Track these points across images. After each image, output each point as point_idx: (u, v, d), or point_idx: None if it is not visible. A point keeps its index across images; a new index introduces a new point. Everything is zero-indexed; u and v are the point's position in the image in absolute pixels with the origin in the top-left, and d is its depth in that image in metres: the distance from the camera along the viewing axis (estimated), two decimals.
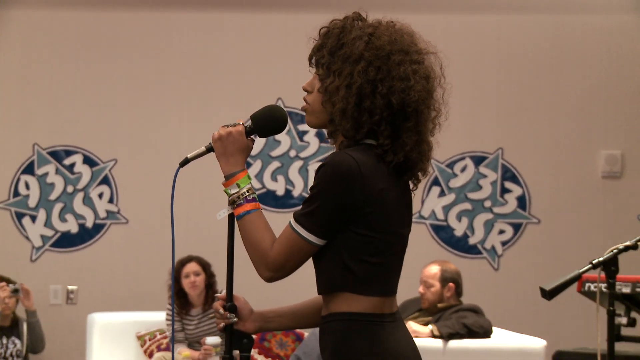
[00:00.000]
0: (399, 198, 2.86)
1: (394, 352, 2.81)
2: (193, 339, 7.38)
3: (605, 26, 8.11)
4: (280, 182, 8.18)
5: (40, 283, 8.00)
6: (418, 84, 2.81)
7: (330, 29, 2.86)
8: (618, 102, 8.12)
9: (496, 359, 6.22)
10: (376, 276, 2.81)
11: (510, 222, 8.16)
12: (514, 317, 7.09)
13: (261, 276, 2.82)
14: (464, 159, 8.20)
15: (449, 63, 8.55)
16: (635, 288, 5.11)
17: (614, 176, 8.09)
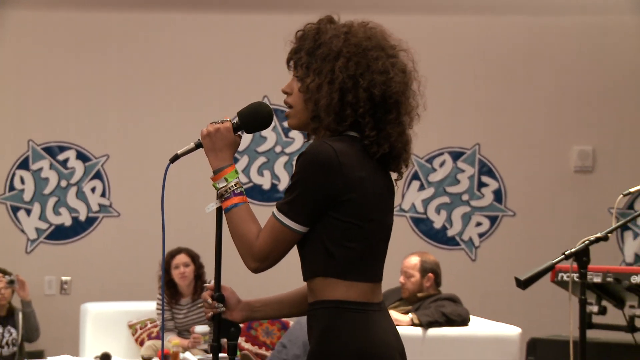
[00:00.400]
0: (380, 187, 2.86)
1: (379, 341, 2.80)
2: (183, 328, 7.38)
3: (577, 27, 8.13)
4: (267, 176, 8.19)
5: (35, 274, 7.99)
6: (397, 76, 2.82)
7: (306, 31, 2.86)
8: (589, 99, 8.14)
9: (473, 346, 6.23)
10: (358, 262, 2.80)
11: (487, 214, 8.18)
12: (490, 306, 7.11)
13: (248, 267, 2.82)
14: (442, 154, 8.22)
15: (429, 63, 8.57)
16: (606, 278, 5.13)
17: (586, 170, 8.12)
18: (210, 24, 8.17)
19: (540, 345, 5.51)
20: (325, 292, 2.81)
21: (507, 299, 7.06)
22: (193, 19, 8.18)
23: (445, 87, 8.09)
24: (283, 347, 6.51)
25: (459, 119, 8.21)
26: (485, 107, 8.20)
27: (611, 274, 5.14)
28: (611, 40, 8.12)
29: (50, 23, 8.19)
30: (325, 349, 2.78)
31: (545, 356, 5.48)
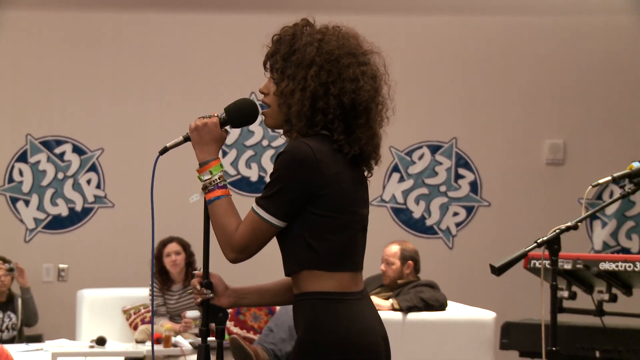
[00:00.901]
0: (354, 180, 2.86)
1: (363, 328, 2.81)
2: (174, 313, 7.38)
3: (549, 28, 8.14)
4: (254, 169, 8.18)
5: (34, 262, 7.98)
6: (367, 84, 2.81)
7: (282, 35, 2.86)
8: (560, 96, 8.16)
9: (451, 330, 6.24)
10: (339, 253, 2.81)
11: (464, 205, 8.19)
12: (466, 291, 7.11)
13: (226, 257, 2.82)
14: (421, 147, 8.22)
15: (409, 62, 8.59)
16: (576, 264, 5.13)
17: (557, 163, 8.13)
18: (199, 24, 8.17)
19: (513, 328, 5.51)
20: (308, 284, 2.81)
21: (483, 285, 7.06)
22: (184, 19, 8.16)
23: (424, 84, 8.11)
24: (270, 331, 6.51)
25: (437, 114, 8.21)
26: (462, 103, 8.21)
27: (581, 261, 5.15)
28: (581, 40, 8.14)
29: (46, 23, 8.17)
30: (312, 339, 2.79)
31: (519, 339, 5.47)
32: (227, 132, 2.97)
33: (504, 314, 5.98)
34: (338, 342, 2.76)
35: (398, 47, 7.86)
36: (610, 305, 5.11)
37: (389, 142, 8.05)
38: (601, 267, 5.08)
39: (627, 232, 8.12)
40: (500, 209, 8.13)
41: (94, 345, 6.53)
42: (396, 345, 6.39)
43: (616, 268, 5.03)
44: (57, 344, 6.68)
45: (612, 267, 5.05)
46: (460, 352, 6.19)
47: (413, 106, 7.96)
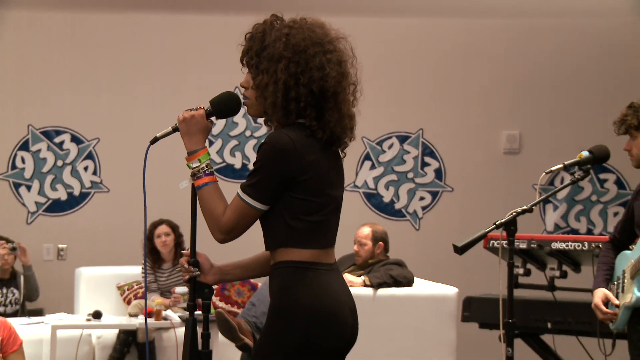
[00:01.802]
0: (329, 165, 2.88)
1: (330, 296, 2.82)
2: (165, 289, 7.37)
3: (505, 28, 8.16)
4: (238, 157, 8.17)
5: (35, 242, 7.94)
6: (332, 70, 2.82)
7: (253, 33, 2.88)
8: (516, 91, 8.18)
9: (417, 304, 6.25)
10: (314, 232, 2.83)
11: (429, 190, 8.20)
12: (431, 269, 7.13)
13: (215, 238, 2.85)
14: (391, 138, 8.22)
15: (380, 60, 8.55)
16: (530, 244, 5.16)
17: (513, 152, 8.16)
18: (188, 24, 8.15)
19: (474, 302, 5.53)
20: (284, 256, 2.83)
21: (446, 263, 7.08)
22: (174, 19, 8.15)
23: (394, 81, 8.11)
24: (252, 305, 6.50)
25: (405, 108, 8.22)
26: (428, 97, 8.21)
27: (535, 241, 5.17)
28: (533, 41, 8.16)
29: (46, 23, 8.12)
30: (283, 304, 2.80)
31: (479, 312, 5.50)
32: (213, 123, 2.99)
33: (465, 289, 6.00)
34: (307, 305, 2.77)
35: (371, 46, 7.87)
36: (561, 280, 5.15)
37: (361, 133, 8.07)
38: (553, 246, 5.11)
39: (576, 215, 8.16)
40: (462, 194, 8.15)
41: (90, 318, 6.51)
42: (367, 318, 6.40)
43: (566, 247, 5.06)
44: (57, 318, 6.66)
45: (562, 247, 5.07)
46: (426, 324, 6.20)
47: (383, 100, 7.97)
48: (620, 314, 4.04)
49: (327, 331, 2.79)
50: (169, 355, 6.87)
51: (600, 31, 8.11)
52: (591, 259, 4.97)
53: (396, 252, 6.73)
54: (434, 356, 6.19)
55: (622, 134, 4.13)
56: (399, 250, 6.86)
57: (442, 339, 6.20)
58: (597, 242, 4.96)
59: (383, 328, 6.10)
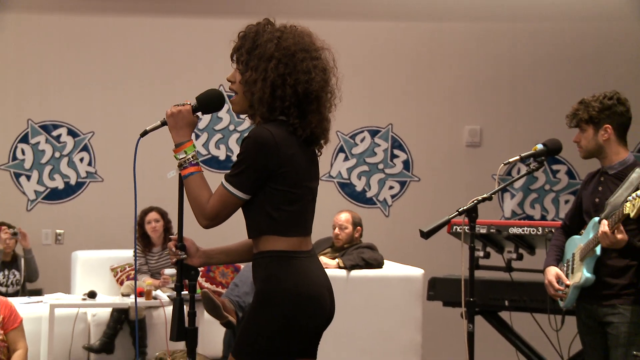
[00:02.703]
0: (307, 159, 2.89)
1: (310, 280, 2.84)
2: (155, 270, 7.36)
3: (466, 31, 8.18)
4: (222, 149, 8.15)
5: (34, 228, 7.92)
6: (317, 76, 2.83)
7: (247, 32, 2.87)
8: (478, 89, 8.20)
9: (387, 284, 6.26)
10: (293, 221, 2.84)
11: (398, 180, 8.22)
12: (400, 252, 7.14)
13: (200, 224, 2.86)
14: (362, 132, 8.22)
15: (354, 60, 8.51)
16: (490, 229, 5.18)
17: (475, 145, 8.18)
18: (177, 26, 8.12)
19: (438, 283, 5.55)
20: (266, 245, 2.84)
21: (413, 247, 7.09)
22: (164, 22, 8.12)
23: (366, 79, 8.11)
24: (235, 286, 6.49)
25: (376, 104, 8.22)
26: (397, 95, 8.22)
27: (494, 226, 5.19)
28: (493, 43, 8.18)
29: (44, 24, 8.08)
30: (269, 289, 2.81)
31: (442, 291, 5.51)
32: (199, 118, 2.98)
33: (430, 270, 6.02)
34: (290, 291, 2.79)
35: (345, 48, 7.84)
36: (517, 262, 5.17)
37: (336, 127, 8.01)
38: (510, 231, 5.13)
39: (531, 203, 8.21)
40: (428, 183, 8.17)
41: (86, 298, 6.50)
42: (341, 298, 6.40)
43: (522, 232, 5.08)
44: (55, 297, 6.64)
45: (519, 231, 5.10)
46: (395, 303, 6.22)
47: (356, 97, 7.97)
48: (569, 293, 4.07)
49: (309, 313, 2.81)
50: (158, 332, 6.86)
51: (551, 35, 8.15)
52: (544, 243, 5.00)
53: (367, 236, 6.75)
54: (402, 332, 6.21)
55: (574, 127, 4.15)
56: (370, 235, 6.87)
57: (409, 316, 6.22)
58: (549, 228, 4.99)
59: (355, 306, 6.11)
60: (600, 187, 4.11)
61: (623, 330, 3.92)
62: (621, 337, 3.92)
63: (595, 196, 4.11)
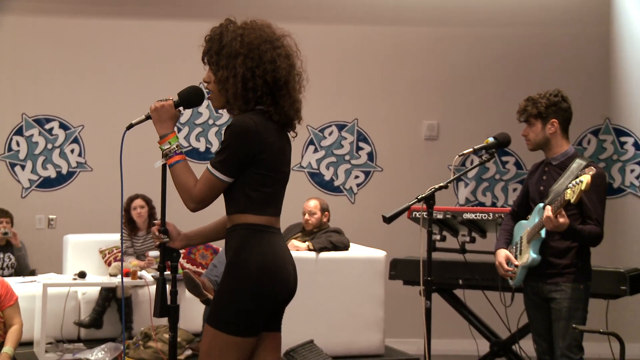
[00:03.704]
0: (283, 146, 2.89)
1: (278, 254, 2.84)
2: (140, 252, 7.33)
3: (424, 34, 8.19)
4: (202, 142, 8.12)
5: (29, 213, 7.87)
6: (282, 63, 2.83)
7: (212, 35, 2.87)
8: (435, 87, 8.22)
9: (352, 265, 6.28)
10: (268, 201, 2.84)
11: (363, 170, 8.23)
12: (364, 236, 7.16)
13: (188, 207, 2.85)
14: (330, 126, 8.22)
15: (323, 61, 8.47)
16: (446, 215, 5.21)
17: (432, 139, 8.21)
18: (161, 29, 8.07)
19: (399, 263, 5.58)
20: (241, 219, 2.83)
21: (376, 231, 7.10)
22: (148, 25, 8.07)
23: (334, 78, 8.10)
24: (214, 267, 6.47)
25: (343, 101, 8.22)
26: (362, 92, 8.22)
27: (449, 212, 5.23)
28: (450, 45, 8.21)
29: (39, 26, 7.98)
30: (240, 259, 2.80)
31: (403, 271, 5.55)
32: (180, 112, 2.97)
33: (392, 252, 6.05)
34: (259, 260, 2.78)
35: (315, 49, 7.84)
36: (470, 245, 5.20)
37: (306, 122, 7.98)
38: (464, 216, 5.16)
39: (483, 191, 8.25)
40: (390, 173, 8.19)
41: (76, 278, 6.46)
42: (311, 277, 6.44)
43: (475, 217, 5.12)
44: (48, 277, 6.60)
45: (472, 217, 5.13)
46: (360, 282, 6.24)
47: (325, 95, 7.97)
48: (518, 272, 4.11)
49: (275, 283, 2.81)
50: (143, 309, 6.83)
51: (501, 39, 8.18)
52: (495, 227, 5.04)
53: (335, 221, 6.76)
54: (366, 308, 6.24)
55: (523, 121, 4.18)
56: (338, 220, 6.88)
57: (372, 294, 6.25)
58: (499, 213, 5.02)
59: (324, 285, 6.12)
60: (545, 176, 4.15)
61: (565, 306, 3.96)
62: (563, 311, 3.97)
63: (540, 184, 4.15)
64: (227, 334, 2.74)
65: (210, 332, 2.78)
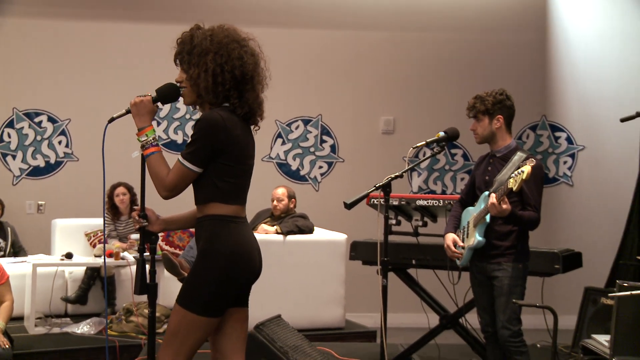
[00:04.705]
0: (247, 140, 2.86)
1: (246, 241, 2.83)
2: (122, 235, 7.26)
3: (382, 39, 8.21)
4: (180, 134, 8.04)
5: (20, 200, 7.76)
6: (249, 59, 2.82)
7: (183, 38, 2.86)
8: (392, 86, 8.25)
9: (316, 247, 6.28)
10: (234, 191, 2.81)
11: (326, 161, 8.22)
12: (327, 220, 7.16)
13: (160, 195, 2.83)
14: (297, 121, 8.20)
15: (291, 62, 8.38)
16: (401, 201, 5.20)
17: (389, 133, 8.23)
18: (140, 32, 7.98)
19: (359, 245, 5.57)
20: (210, 210, 2.81)
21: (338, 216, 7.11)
22: (130, 27, 7.97)
23: (300, 77, 8.09)
24: (190, 248, 6.45)
25: (308, 98, 8.21)
26: (326, 90, 8.22)
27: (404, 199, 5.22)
28: (406, 48, 8.23)
29: (29, 28, 7.86)
30: (211, 248, 2.78)
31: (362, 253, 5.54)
32: (158, 107, 2.95)
33: (352, 235, 6.05)
34: (229, 247, 2.76)
35: (283, 51, 7.83)
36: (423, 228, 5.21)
37: (275, 117, 8.03)
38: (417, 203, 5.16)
39: (434, 180, 8.30)
40: (351, 164, 8.19)
41: (64, 258, 6.38)
42: (279, 258, 6.40)
43: (427, 204, 5.13)
44: (37, 258, 6.51)
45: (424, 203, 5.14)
46: (323, 262, 6.25)
47: (292, 92, 7.95)
48: (465, 254, 4.12)
49: (243, 268, 2.81)
50: (125, 287, 6.78)
51: (451, 43, 8.23)
52: (445, 213, 5.05)
53: (301, 207, 6.75)
54: (329, 286, 6.24)
55: (472, 117, 4.19)
56: (303, 206, 6.87)
57: (335, 273, 6.26)
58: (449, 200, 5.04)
59: (290, 266, 6.12)
60: (490, 167, 4.17)
61: (506, 283, 3.99)
62: (504, 288, 3.99)
63: (486, 174, 4.16)
64: (196, 314, 2.74)
65: (180, 312, 2.77)
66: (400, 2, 8.17)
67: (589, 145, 8.17)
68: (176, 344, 2.75)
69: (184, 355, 2.76)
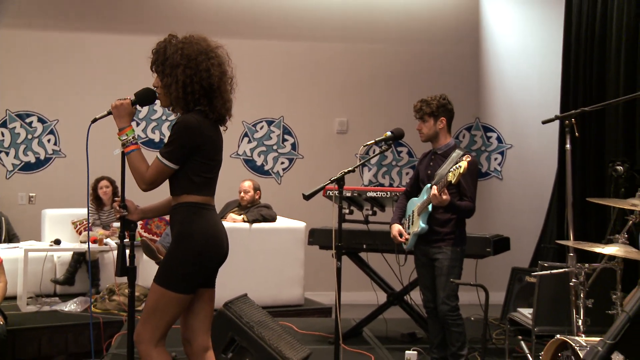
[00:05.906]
0: (218, 139, 2.85)
1: (216, 227, 2.81)
2: (105, 224, 7.14)
3: (339, 49, 8.21)
4: (157, 134, 7.94)
5: (13, 192, 7.61)
6: (216, 71, 2.80)
7: (158, 49, 2.83)
8: (346, 91, 8.25)
9: (278, 234, 6.26)
10: (206, 184, 2.80)
11: (287, 157, 8.19)
12: (289, 210, 7.13)
13: (140, 188, 2.82)
14: (262, 122, 8.15)
15: (256, 69, 8.29)
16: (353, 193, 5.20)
17: (343, 133, 8.23)
18: (121, 42, 7.84)
19: (316, 232, 5.56)
20: (185, 198, 2.79)
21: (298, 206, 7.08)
22: (111, 38, 7.82)
23: (264, 83, 8.04)
24: (167, 235, 6.37)
25: (272, 101, 8.16)
26: (288, 95, 8.18)
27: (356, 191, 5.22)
28: (357, 58, 8.23)
29: (21, 38, 7.67)
30: (186, 231, 2.75)
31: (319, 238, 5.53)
32: (137, 109, 2.93)
33: (310, 223, 6.04)
34: (201, 232, 2.74)
35: (249, 59, 7.77)
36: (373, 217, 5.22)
37: (242, 118, 7.98)
38: (367, 195, 5.17)
39: (382, 174, 8.33)
40: (310, 160, 8.18)
41: (52, 244, 6.26)
42: (245, 244, 6.35)
43: (376, 195, 5.13)
44: (28, 244, 6.41)
45: (374, 195, 5.14)
46: (284, 247, 6.23)
47: (257, 96, 7.91)
48: (410, 239, 4.14)
49: (213, 252, 2.80)
50: (108, 270, 6.68)
51: (399, 53, 8.26)
52: (392, 203, 5.06)
53: (265, 198, 6.71)
54: (290, 269, 6.23)
55: (418, 118, 4.20)
56: (267, 197, 6.83)
57: (295, 257, 6.24)
58: (396, 192, 5.05)
59: (255, 251, 6.08)
60: (432, 162, 4.19)
61: (445, 264, 4.02)
62: (444, 269, 4.02)
63: (428, 169, 4.18)
64: (172, 292, 2.72)
65: (158, 290, 2.75)
66: (355, 18, 8.18)
67: (516, 144, 8.29)
68: (155, 320, 2.73)
69: (162, 329, 2.74)
